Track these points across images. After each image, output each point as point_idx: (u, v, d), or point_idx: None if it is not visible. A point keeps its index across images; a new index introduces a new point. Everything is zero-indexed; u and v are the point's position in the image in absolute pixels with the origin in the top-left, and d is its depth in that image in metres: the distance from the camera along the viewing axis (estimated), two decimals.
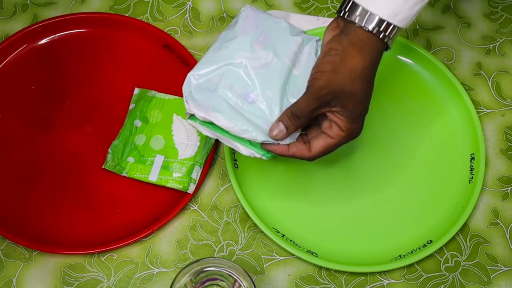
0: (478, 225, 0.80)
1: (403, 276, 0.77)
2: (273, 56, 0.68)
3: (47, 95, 0.84)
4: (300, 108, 0.66)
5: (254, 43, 0.68)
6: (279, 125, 0.66)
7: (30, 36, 0.87)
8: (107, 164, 0.80)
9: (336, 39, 0.65)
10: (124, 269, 0.76)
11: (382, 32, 0.64)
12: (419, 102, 0.86)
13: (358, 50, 0.64)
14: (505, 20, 0.93)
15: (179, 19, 0.91)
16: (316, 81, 0.66)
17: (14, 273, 0.76)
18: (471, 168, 0.81)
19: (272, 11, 0.92)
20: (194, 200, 0.80)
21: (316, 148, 0.69)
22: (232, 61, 0.68)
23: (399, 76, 0.87)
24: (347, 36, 0.65)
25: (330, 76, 0.65)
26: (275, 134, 0.66)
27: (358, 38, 0.64)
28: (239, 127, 0.66)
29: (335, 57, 0.65)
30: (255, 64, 0.68)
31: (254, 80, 0.67)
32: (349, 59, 0.65)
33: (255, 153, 0.68)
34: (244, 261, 0.77)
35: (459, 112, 0.85)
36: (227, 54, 0.68)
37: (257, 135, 0.66)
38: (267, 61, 0.68)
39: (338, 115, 0.67)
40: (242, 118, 0.66)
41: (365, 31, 0.64)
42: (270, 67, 0.68)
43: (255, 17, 0.70)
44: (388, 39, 0.65)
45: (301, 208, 0.79)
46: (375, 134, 0.84)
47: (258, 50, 0.68)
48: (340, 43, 0.65)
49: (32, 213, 0.78)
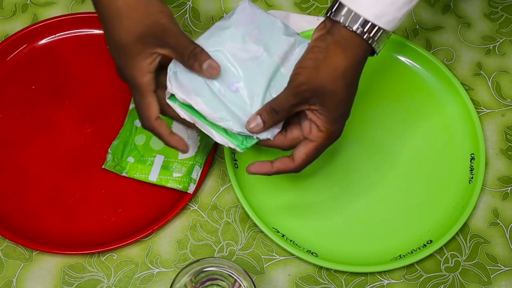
0: (478, 225, 0.80)
1: (403, 276, 0.77)
2: (263, 51, 0.68)
3: (47, 95, 0.84)
4: (279, 103, 0.65)
5: (246, 36, 0.68)
6: (257, 118, 0.65)
7: (30, 36, 0.87)
8: (107, 164, 0.80)
9: (321, 38, 0.65)
10: (124, 269, 0.76)
11: (366, 33, 0.63)
12: (419, 102, 0.86)
13: (341, 49, 0.64)
14: (505, 20, 0.93)
15: (179, 19, 0.91)
16: (297, 77, 0.65)
17: (14, 273, 0.76)
18: (471, 168, 0.81)
19: (272, 11, 0.92)
20: (194, 200, 0.80)
21: (299, 157, 0.68)
22: (221, 49, 0.67)
23: (399, 76, 0.87)
24: (331, 35, 0.64)
25: (311, 73, 0.64)
26: (252, 127, 0.65)
27: (342, 37, 0.64)
28: (217, 114, 0.65)
29: (317, 54, 0.64)
30: (244, 55, 0.67)
31: (240, 71, 0.67)
32: (332, 57, 0.64)
33: (229, 142, 0.67)
34: (244, 261, 0.77)
35: (459, 112, 0.85)
36: (218, 41, 0.68)
37: (233, 125, 0.65)
38: (256, 55, 0.68)
39: (318, 114, 0.66)
40: (222, 106, 0.66)
41: (349, 30, 0.63)
42: (258, 61, 0.67)
43: (251, 12, 0.70)
44: (373, 41, 0.64)
45: (301, 208, 0.79)
46: (375, 134, 0.84)
47: (249, 43, 0.68)
48: (324, 41, 0.64)
49: (32, 213, 0.78)
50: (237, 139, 0.67)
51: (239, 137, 0.67)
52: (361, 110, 0.84)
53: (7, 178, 0.80)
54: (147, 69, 0.65)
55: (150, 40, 0.64)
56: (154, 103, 0.66)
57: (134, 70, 0.65)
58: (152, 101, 0.66)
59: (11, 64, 0.86)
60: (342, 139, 0.82)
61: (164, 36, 0.64)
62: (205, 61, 0.64)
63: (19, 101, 0.84)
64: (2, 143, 0.82)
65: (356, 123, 0.83)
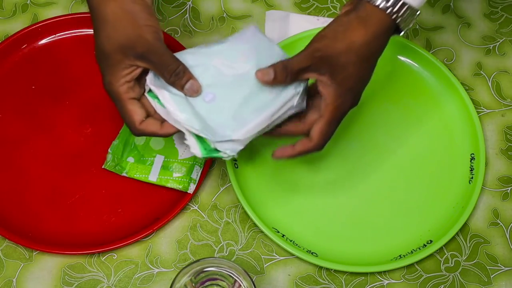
0: (478, 225, 0.80)
1: (403, 276, 0.77)
2: (250, 69, 0.67)
3: (47, 95, 0.84)
4: (291, 62, 0.66)
5: (239, 54, 0.68)
6: (269, 70, 0.66)
7: (30, 36, 0.87)
8: (107, 164, 0.80)
9: (346, 13, 0.66)
10: (124, 269, 0.76)
11: (390, 7, 0.64)
12: (419, 102, 0.86)
13: (363, 24, 0.65)
14: (505, 20, 0.93)
15: (179, 19, 0.91)
16: (314, 43, 0.66)
17: (14, 273, 0.76)
18: (471, 168, 0.81)
19: (272, 11, 0.92)
20: (194, 200, 0.80)
21: (314, 135, 0.69)
22: (207, 62, 0.68)
23: (399, 76, 0.87)
24: (356, 11, 0.66)
25: (328, 42, 0.65)
26: (262, 75, 0.66)
27: (365, 12, 0.65)
28: (179, 112, 0.65)
29: (339, 26, 0.66)
30: (228, 71, 0.68)
31: (218, 85, 0.67)
32: (351, 31, 0.65)
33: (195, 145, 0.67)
34: (244, 261, 0.77)
35: (459, 112, 0.85)
36: (208, 53, 0.68)
37: (193, 124, 0.65)
38: (241, 72, 0.67)
39: (326, 86, 0.66)
40: (188, 107, 0.66)
41: (373, 6, 0.65)
42: (241, 78, 0.67)
43: (252, 34, 0.70)
44: (397, 16, 0.65)
45: (301, 208, 0.79)
46: (374, 134, 0.84)
47: (239, 61, 0.68)
48: (348, 15, 0.66)
49: (32, 213, 0.78)
50: (203, 143, 0.67)
51: (205, 144, 0.67)
52: (361, 110, 0.84)
53: (7, 178, 0.80)
54: (124, 78, 0.66)
55: (130, 52, 0.64)
56: (135, 109, 0.67)
57: (112, 78, 0.66)
58: (132, 108, 0.67)
59: (11, 64, 0.86)
60: (341, 138, 0.82)
61: (145, 52, 0.64)
62: (188, 81, 0.66)
63: (19, 101, 0.84)
64: (2, 143, 0.82)
65: (355, 123, 0.83)
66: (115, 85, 0.66)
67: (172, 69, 0.65)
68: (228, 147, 0.66)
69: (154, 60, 0.65)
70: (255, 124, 0.66)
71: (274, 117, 0.67)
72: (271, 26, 0.90)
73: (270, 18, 0.91)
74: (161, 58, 0.65)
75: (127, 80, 0.66)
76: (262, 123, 0.66)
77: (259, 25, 0.91)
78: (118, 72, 0.65)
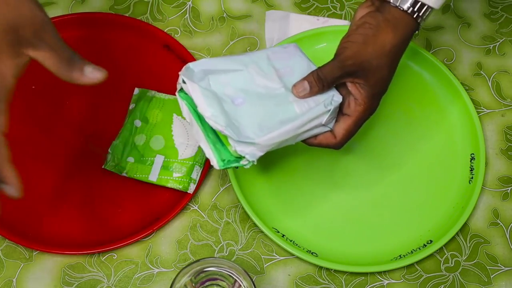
0: (478, 225, 0.80)
1: (403, 276, 0.77)
2: (281, 87, 0.68)
3: (47, 96, 0.84)
4: (325, 73, 0.67)
5: (274, 70, 0.69)
6: (304, 83, 0.67)
7: None
8: (107, 164, 0.80)
9: (371, 15, 0.67)
10: (124, 269, 0.76)
11: (416, 12, 0.66)
12: (419, 102, 0.86)
13: (391, 28, 0.66)
14: (505, 20, 0.93)
15: (179, 19, 0.91)
16: (344, 50, 0.67)
17: (14, 273, 0.76)
18: (471, 168, 0.81)
19: (272, 11, 0.92)
20: (194, 200, 0.80)
21: (339, 132, 0.70)
22: (243, 67, 0.68)
23: (399, 76, 0.87)
24: (382, 13, 0.67)
25: (359, 48, 0.66)
26: (299, 91, 0.67)
27: (392, 16, 0.66)
28: (207, 106, 0.65)
29: (368, 30, 0.66)
30: (261, 82, 0.68)
31: (249, 92, 0.67)
32: (382, 34, 0.66)
33: (211, 154, 0.66)
34: (244, 261, 0.77)
35: (459, 112, 0.85)
36: (245, 60, 0.69)
37: (219, 120, 0.64)
38: (274, 86, 0.68)
39: (359, 88, 0.68)
40: (216, 104, 0.66)
41: (400, 10, 0.66)
42: (272, 91, 0.68)
43: (293, 52, 0.71)
44: (421, 20, 0.67)
45: (301, 208, 0.79)
46: (374, 134, 0.84)
47: (274, 76, 0.69)
48: (375, 19, 0.67)
49: (32, 213, 0.78)
50: (220, 153, 0.66)
51: (223, 154, 0.66)
52: None
53: None
54: None
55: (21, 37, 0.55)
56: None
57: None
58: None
59: None
60: None
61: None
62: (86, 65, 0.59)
63: (19, 101, 0.84)
64: None
65: None
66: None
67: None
68: (248, 152, 0.65)
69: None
70: (279, 133, 0.66)
71: (300, 130, 0.67)
72: (271, 26, 0.90)
73: (270, 18, 0.91)
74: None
75: None
76: (286, 133, 0.66)
77: (259, 25, 0.91)
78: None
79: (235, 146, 0.65)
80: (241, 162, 0.66)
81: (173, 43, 0.86)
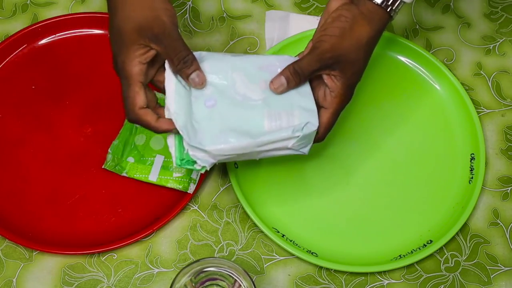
0: (478, 225, 0.80)
1: (403, 276, 0.77)
2: (261, 101, 0.67)
3: (47, 95, 0.84)
4: (302, 66, 0.67)
5: (261, 80, 0.68)
6: (281, 78, 0.67)
7: (30, 36, 0.87)
8: (107, 164, 0.80)
9: (346, 8, 0.68)
10: (124, 269, 0.76)
11: (390, 6, 0.68)
12: (419, 102, 0.86)
13: (367, 21, 0.67)
14: (505, 20, 0.93)
15: (179, 19, 0.91)
16: (322, 43, 0.67)
17: (14, 273, 0.76)
18: (471, 168, 0.81)
19: (272, 11, 0.92)
20: (194, 200, 0.80)
21: (320, 126, 0.69)
22: (228, 71, 0.67)
23: (399, 76, 0.87)
24: (357, 6, 0.68)
25: (336, 41, 0.67)
26: (276, 87, 0.67)
27: (367, 9, 0.68)
28: (173, 102, 0.65)
29: (344, 23, 0.67)
30: (241, 89, 0.67)
31: (225, 96, 0.67)
32: (358, 27, 0.67)
33: (173, 147, 0.66)
34: (244, 261, 0.77)
35: (459, 112, 0.85)
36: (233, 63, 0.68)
37: (178, 119, 0.64)
38: (253, 97, 0.67)
39: (335, 80, 0.68)
40: (185, 102, 0.65)
41: (374, 4, 0.67)
42: (249, 101, 0.67)
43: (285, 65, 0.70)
44: (394, 13, 0.69)
45: (301, 208, 0.79)
46: (374, 134, 0.84)
47: (257, 87, 0.68)
48: (350, 12, 0.67)
49: (32, 213, 0.78)
50: (181, 152, 0.66)
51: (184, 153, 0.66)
52: (361, 110, 0.84)
53: (7, 178, 0.80)
54: (139, 59, 0.65)
55: (146, 33, 0.64)
56: (140, 93, 0.66)
57: (126, 58, 0.65)
58: (139, 91, 0.66)
59: (11, 64, 0.86)
60: (341, 139, 0.82)
61: (160, 34, 0.65)
62: (194, 71, 0.66)
63: (19, 101, 0.84)
64: (2, 143, 0.82)
65: (356, 123, 0.83)
66: (129, 65, 0.65)
67: (182, 56, 0.65)
68: (200, 157, 0.65)
69: (167, 43, 0.65)
70: (232, 147, 0.64)
71: (260, 149, 0.66)
72: (271, 26, 0.90)
73: (270, 18, 0.91)
74: (174, 42, 0.65)
75: (141, 61, 0.65)
76: (241, 148, 0.65)
77: (259, 25, 0.91)
78: (133, 52, 0.65)
79: (188, 149, 0.65)
80: (195, 166, 0.66)
81: None
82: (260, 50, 0.89)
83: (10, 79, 0.85)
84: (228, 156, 0.65)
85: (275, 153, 0.67)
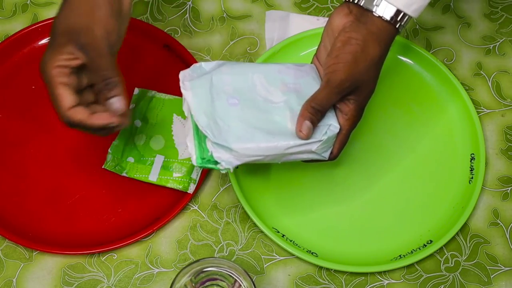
0: (478, 225, 0.80)
1: (403, 276, 0.77)
2: (284, 101, 0.67)
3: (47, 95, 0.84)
4: (321, 103, 0.65)
5: (282, 83, 0.68)
6: (305, 123, 0.65)
7: (30, 36, 0.87)
8: (107, 164, 0.80)
9: (354, 29, 0.66)
10: (124, 269, 0.76)
11: (399, 22, 0.66)
12: (419, 102, 0.86)
13: (377, 40, 0.66)
14: (505, 20, 0.93)
15: (179, 19, 0.91)
16: (337, 74, 0.65)
17: (14, 273, 0.76)
18: (471, 168, 0.81)
19: (272, 11, 0.92)
20: (194, 200, 0.80)
21: (333, 147, 0.69)
22: (248, 74, 0.67)
23: (399, 76, 0.87)
24: (365, 25, 0.65)
25: (351, 68, 0.65)
26: (305, 133, 0.65)
27: (376, 27, 0.65)
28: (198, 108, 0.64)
29: (355, 46, 0.65)
30: (262, 92, 0.67)
31: (247, 97, 0.66)
32: (369, 49, 0.65)
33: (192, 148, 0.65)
34: (244, 261, 0.77)
35: (459, 112, 0.85)
36: (253, 67, 0.68)
37: (201, 118, 0.64)
38: (275, 100, 0.67)
39: (349, 103, 0.67)
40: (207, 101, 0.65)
41: (383, 20, 0.65)
42: (271, 104, 0.67)
43: (308, 72, 0.70)
44: (401, 27, 0.67)
45: (301, 208, 0.79)
46: (374, 134, 0.84)
47: (277, 90, 0.67)
48: (359, 33, 0.65)
49: (32, 213, 0.78)
50: (202, 153, 0.65)
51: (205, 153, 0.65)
52: None
53: (7, 178, 0.80)
54: (60, 62, 0.62)
55: (73, 39, 0.62)
56: (64, 94, 0.63)
57: (48, 59, 0.63)
58: (61, 92, 0.63)
59: (11, 64, 0.86)
60: None
61: (86, 45, 0.62)
62: (115, 96, 0.63)
63: (19, 101, 0.84)
64: (2, 143, 0.82)
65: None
66: (49, 67, 0.63)
67: (105, 76, 0.62)
68: (224, 159, 0.64)
69: (92, 56, 0.62)
70: (258, 146, 0.64)
71: (286, 152, 0.65)
72: (271, 26, 0.90)
73: (270, 18, 0.91)
74: (99, 58, 0.62)
75: (62, 65, 0.63)
76: (268, 149, 0.64)
77: (259, 25, 0.91)
78: (57, 55, 0.62)
79: (212, 151, 0.64)
80: (218, 166, 0.64)
81: (173, 43, 0.86)
82: (260, 50, 0.89)
83: (10, 79, 0.85)
84: (253, 157, 0.64)
85: (298, 156, 0.67)
